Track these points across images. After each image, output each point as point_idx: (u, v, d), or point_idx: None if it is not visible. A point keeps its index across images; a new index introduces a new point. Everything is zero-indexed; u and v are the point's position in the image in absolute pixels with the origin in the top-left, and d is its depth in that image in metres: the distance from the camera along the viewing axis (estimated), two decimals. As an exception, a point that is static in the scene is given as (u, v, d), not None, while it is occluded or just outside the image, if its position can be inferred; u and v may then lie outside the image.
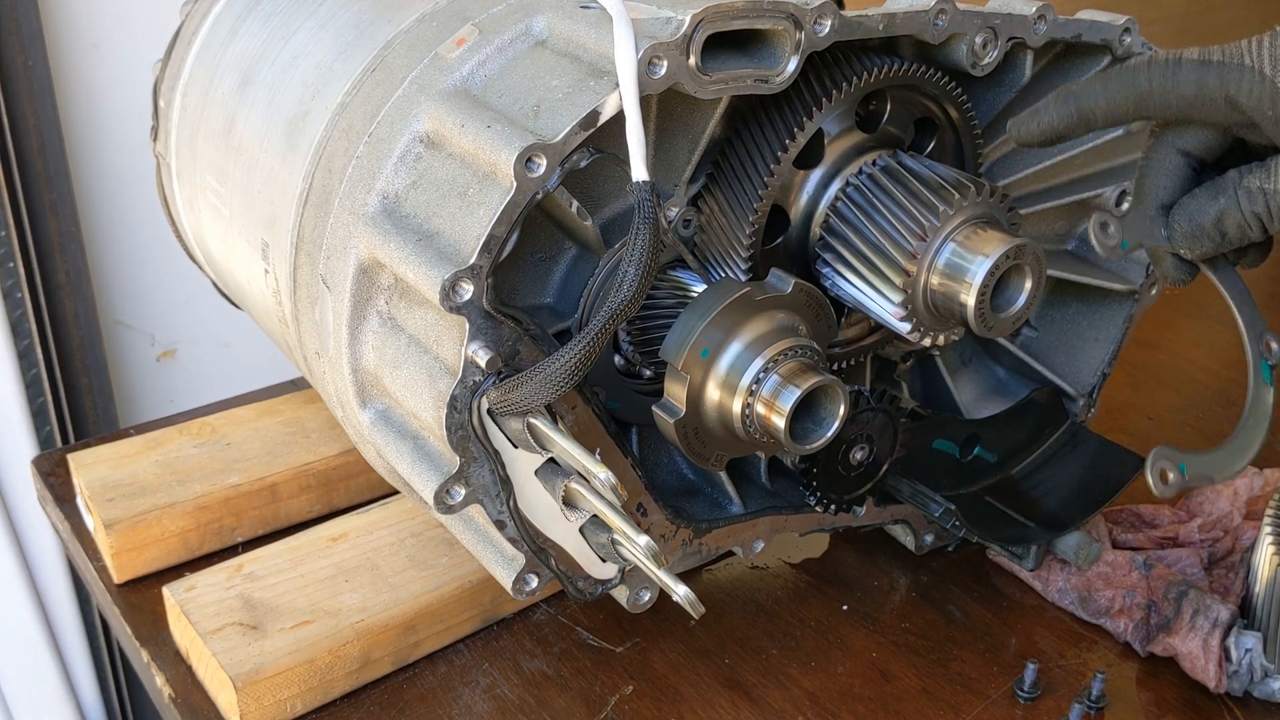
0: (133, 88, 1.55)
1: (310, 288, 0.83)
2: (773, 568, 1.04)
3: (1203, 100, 0.70)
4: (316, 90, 0.88)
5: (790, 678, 0.91)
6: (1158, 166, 0.75)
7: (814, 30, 0.75)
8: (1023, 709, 0.88)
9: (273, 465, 1.08)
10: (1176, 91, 0.71)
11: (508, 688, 0.90)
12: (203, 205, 1.04)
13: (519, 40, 0.78)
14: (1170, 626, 0.90)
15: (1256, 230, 0.70)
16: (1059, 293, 1.04)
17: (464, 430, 0.72)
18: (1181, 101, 0.71)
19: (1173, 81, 0.71)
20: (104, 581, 1.02)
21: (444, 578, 0.93)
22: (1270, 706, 0.88)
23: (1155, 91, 0.72)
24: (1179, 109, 0.72)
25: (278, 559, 0.96)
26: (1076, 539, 0.96)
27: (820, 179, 0.84)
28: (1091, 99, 0.75)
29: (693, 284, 0.82)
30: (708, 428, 0.78)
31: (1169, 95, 0.72)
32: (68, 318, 1.58)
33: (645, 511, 0.82)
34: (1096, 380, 1.04)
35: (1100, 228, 0.78)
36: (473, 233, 0.69)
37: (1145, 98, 0.73)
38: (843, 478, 0.91)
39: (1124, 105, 0.74)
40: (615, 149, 0.72)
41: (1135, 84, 0.73)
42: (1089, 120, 0.75)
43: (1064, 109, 0.76)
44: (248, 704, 0.84)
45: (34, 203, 1.51)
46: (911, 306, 0.81)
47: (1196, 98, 0.71)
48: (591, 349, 0.68)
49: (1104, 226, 0.78)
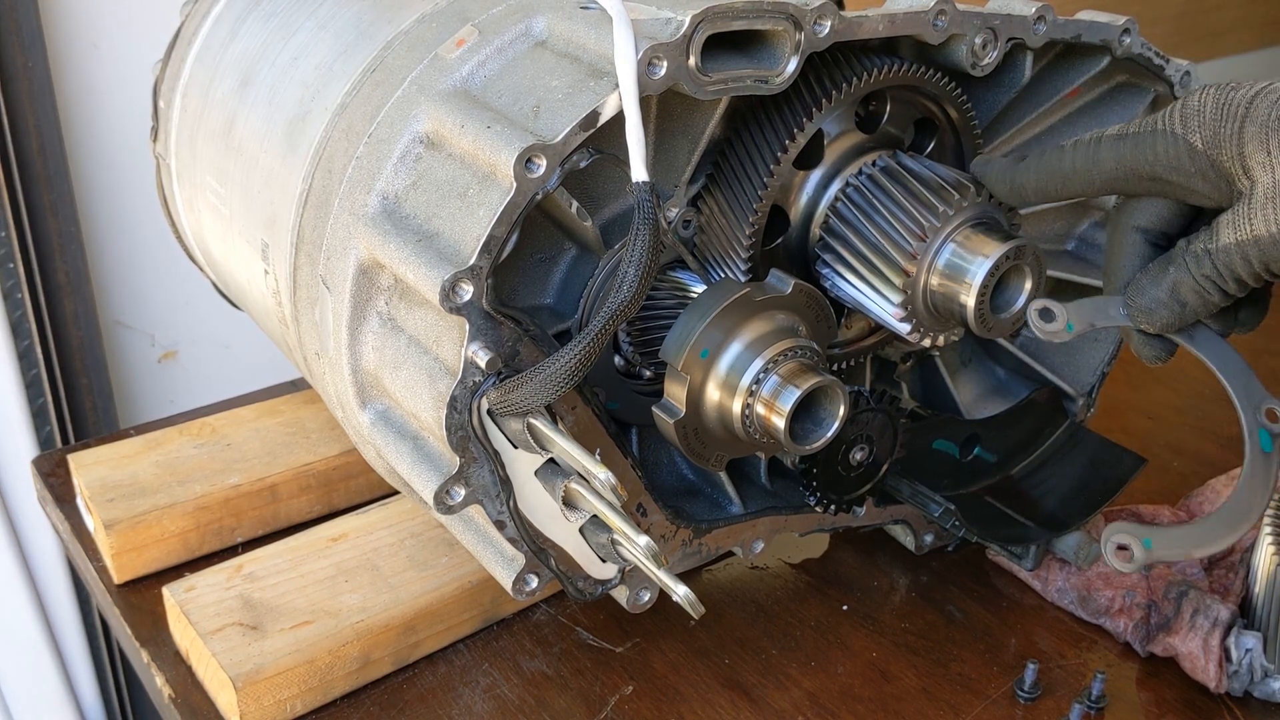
0: (133, 88, 1.55)
1: (310, 288, 0.83)
2: (773, 568, 1.04)
3: (1122, 172, 0.72)
4: (316, 91, 0.88)
5: (790, 678, 0.91)
6: (1118, 248, 0.76)
7: (814, 31, 0.75)
8: (1023, 709, 0.88)
9: (273, 465, 1.08)
10: (1099, 169, 0.73)
11: (508, 688, 0.90)
12: (203, 206, 1.04)
13: (519, 41, 0.78)
14: (1170, 626, 0.90)
15: (1215, 294, 0.70)
16: (1059, 293, 1.04)
17: (464, 431, 0.72)
18: (1104, 177, 0.73)
19: (1094, 159, 0.73)
20: (104, 582, 1.02)
21: (444, 578, 0.93)
22: (1270, 706, 0.88)
23: (1079, 171, 0.74)
24: (1102, 185, 0.74)
25: (278, 559, 0.96)
26: (1076, 539, 0.96)
27: (820, 179, 0.84)
28: (1024, 178, 0.77)
29: (693, 284, 0.82)
30: (708, 428, 0.78)
31: (1092, 174, 0.74)
32: (68, 318, 1.58)
33: (645, 512, 0.82)
34: (1096, 380, 1.04)
35: (1040, 314, 0.75)
36: (473, 233, 0.69)
37: (1070, 178, 0.75)
38: (843, 478, 0.91)
39: (1051, 186, 0.76)
40: (615, 149, 0.72)
41: (1060, 166, 0.75)
42: (1023, 197, 0.78)
43: (1001, 186, 0.79)
44: (248, 704, 0.84)
45: (34, 203, 1.51)
46: (911, 307, 0.81)
47: (1116, 171, 0.72)
48: (591, 349, 0.68)
49: (1045, 313, 0.75)
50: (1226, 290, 0.70)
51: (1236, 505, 0.74)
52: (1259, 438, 0.73)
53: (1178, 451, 1.21)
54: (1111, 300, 0.75)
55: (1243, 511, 0.73)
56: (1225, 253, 0.68)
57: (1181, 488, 1.07)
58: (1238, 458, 1.12)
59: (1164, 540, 0.73)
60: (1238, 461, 1.09)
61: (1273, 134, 0.66)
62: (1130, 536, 0.72)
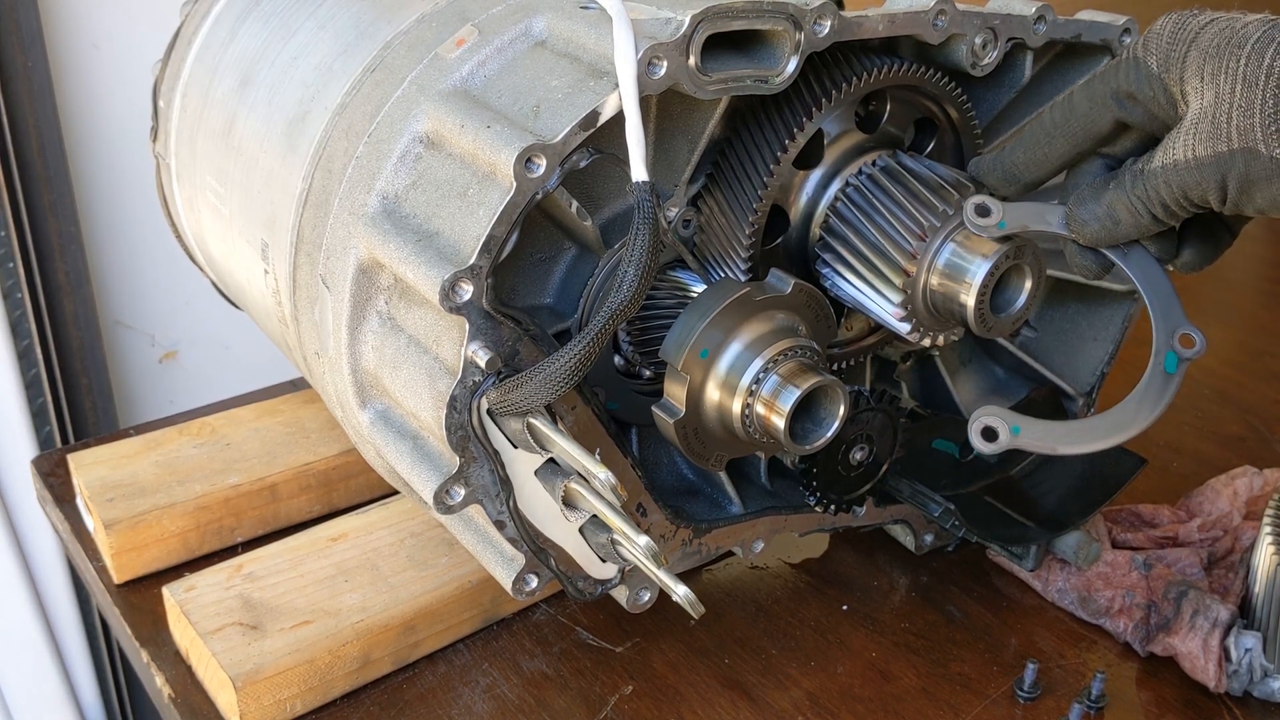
0: (133, 88, 1.55)
1: (310, 288, 0.83)
2: (773, 568, 1.04)
3: (1094, 107, 0.73)
4: (316, 91, 0.88)
5: (790, 678, 0.91)
6: (1081, 169, 0.76)
7: (814, 31, 0.75)
8: (1023, 709, 0.88)
9: (273, 465, 1.08)
10: (1075, 113, 0.74)
11: (507, 688, 0.90)
12: (203, 205, 1.04)
13: (519, 40, 0.78)
14: (1170, 626, 0.90)
15: (1145, 217, 0.71)
16: (1059, 293, 1.04)
17: (464, 430, 0.72)
18: (1081, 120, 0.74)
19: (1069, 107, 0.74)
20: (104, 582, 1.02)
21: (444, 578, 0.93)
22: (1270, 706, 0.88)
23: (1059, 124, 0.75)
24: (1082, 128, 0.74)
25: (278, 559, 0.96)
26: (1076, 539, 0.96)
27: (820, 179, 0.84)
28: (1013, 157, 0.78)
29: (693, 284, 0.82)
30: (707, 428, 0.78)
31: (1070, 122, 0.74)
32: (68, 318, 1.58)
33: (645, 511, 0.82)
34: (1095, 380, 1.04)
35: (976, 209, 0.75)
36: (472, 233, 0.69)
37: (1052, 135, 0.75)
38: (843, 478, 0.91)
39: (1038, 152, 0.76)
40: (615, 149, 0.72)
41: (1040, 128, 0.76)
42: (1017, 177, 0.78)
43: (994, 176, 0.79)
44: (247, 704, 0.84)
45: (34, 203, 1.51)
46: (911, 307, 0.81)
47: (1090, 109, 0.73)
48: (591, 349, 0.68)
49: (980, 208, 0.75)
50: (1155, 214, 0.70)
51: (1121, 414, 0.73)
52: (1165, 358, 0.73)
53: (1177, 451, 1.21)
54: (1053, 208, 0.75)
55: (1125, 422, 0.73)
56: (1152, 176, 0.69)
57: (1181, 488, 1.07)
58: (1238, 458, 1.13)
59: (1033, 430, 0.72)
60: (1238, 461, 1.10)
61: (1209, 59, 0.66)
62: (999, 420, 0.72)
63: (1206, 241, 0.75)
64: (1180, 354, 0.73)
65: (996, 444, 0.72)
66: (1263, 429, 1.25)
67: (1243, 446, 1.21)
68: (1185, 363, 0.73)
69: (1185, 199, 0.68)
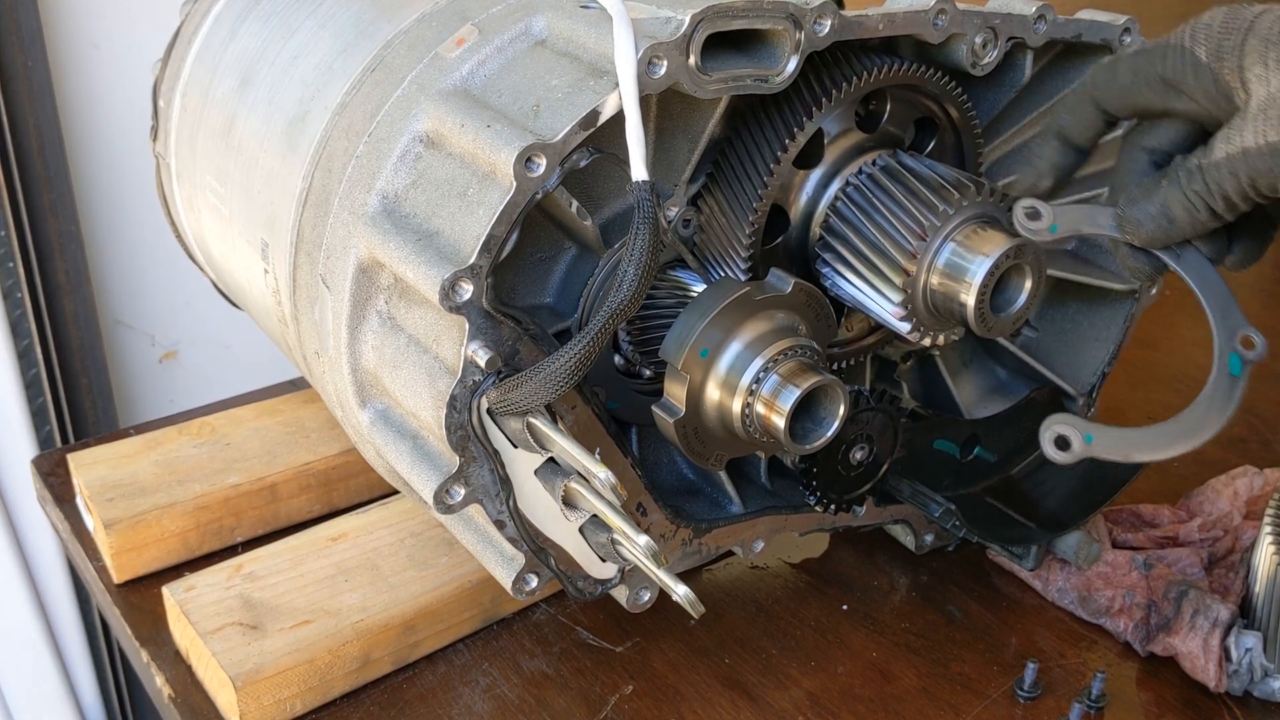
0: (133, 88, 1.55)
1: (310, 288, 0.83)
2: (773, 568, 1.04)
3: (1137, 84, 0.73)
4: (316, 90, 0.88)
5: (790, 678, 0.91)
6: (1125, 166, 0.76)
7: (814, 30, 0.75)
8: (1023, 709, 0.88)
9: (272, 465, 1.08)
10: (1117, 82, 0.74)
11: (508, 687, 0.90)
12: (202, 205, 1.04)
13: (519, 40, 0.78)
14: (1170, 626, 0.90)
15: (1204, 213, 0.70)
16: (1059, 293, 1.04)
17: (464, 430, 0.72)
18: (1122, 90, 0.74)
19: (1113, 74, 0.74)
20: (104, 581, 1.02)
21: (444, 578, 0.93)
22: (1270, 706, 0.88)
23: (1100, 85, 0.75)
24: (1121, 97, 0.74)
25: (277, 559, 0.96)
26: (1076, 539, 0.96)
27: (820, 179, 0.84)
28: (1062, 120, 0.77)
29: (693, 284, 0.82)
30: (707, 427, 0.78)
31: (1112, 86, 0.74)
32: (68, 318, 1.58)
33: (645, 511, 0.82)
34: (1096, 380, 1.04)
35: (1026, 213, 0.74)
36: (472, 232, 0.69)
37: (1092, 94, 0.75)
38: (843, 478, 0.90)
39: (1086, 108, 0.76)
40: (615, 149, 0.72)
41: (1084, 87, 0.76)
42: (1069, 137, 0.78)
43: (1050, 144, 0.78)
44: (247, 704, 0.84)
45: (34, 203, 1.51)
46: (911, 306, 0.81)
47: (1132, 83, 0.73)
48: (591, 349, 0.68)
49: (1031, 212, 0.74)
50: (1215, 209, 0.69)
51: (1191, 420, 0.72)
52: (1229, 360, 0.72)
53: (1178, 451, 1.21)
54: (1104, 210, 0.74)
55: (1195, 428, 0.72)
56: (1215, 168, 0.68)
57: (1181, 488, 1.07)
58: (1238, 458, 1.12)
59: (1106, 438, 0.71)
60: (1238, 461, 1.10)
61: (1272, 47, 0.66)
62: (1072, 429, 0.71)
63: (1255, 238, 0.74)
64: (1243, 356, 0.72)
65: (1070, 453, 0.71)
66: (1263, 429, 1.25)
67: (1243, 446, 1.21)
68: (1249, 365, 0.71)
69: (1253, 188, 0.67)
